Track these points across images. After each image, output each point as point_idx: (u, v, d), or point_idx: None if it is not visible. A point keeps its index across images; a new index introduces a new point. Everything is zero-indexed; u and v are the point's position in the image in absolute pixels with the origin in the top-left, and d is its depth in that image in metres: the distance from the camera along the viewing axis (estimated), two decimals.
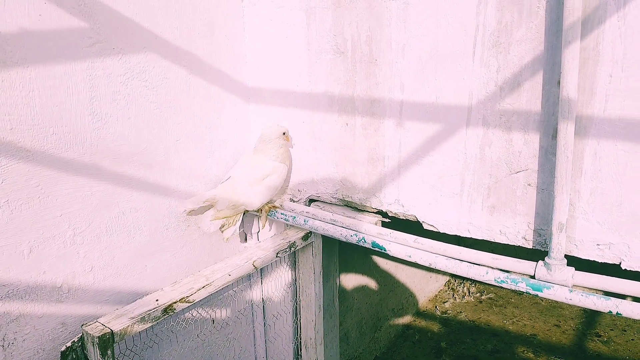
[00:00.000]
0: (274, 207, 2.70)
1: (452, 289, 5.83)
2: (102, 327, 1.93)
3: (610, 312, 1.83)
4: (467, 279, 5.92)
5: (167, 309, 2.08)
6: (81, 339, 1.96)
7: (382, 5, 2.27)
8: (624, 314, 1.80)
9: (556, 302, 5.44)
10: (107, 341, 1.89)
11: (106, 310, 2.17)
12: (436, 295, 5.73)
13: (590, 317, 5.23)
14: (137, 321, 1.98)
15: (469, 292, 5.71)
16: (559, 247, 1.94)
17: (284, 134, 2.60)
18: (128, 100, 2.18)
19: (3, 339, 1.89)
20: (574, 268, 1.94)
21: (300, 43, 2.59)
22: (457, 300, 5.60)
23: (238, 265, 2.35)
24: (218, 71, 2.61)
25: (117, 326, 1.93)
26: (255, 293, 2.97)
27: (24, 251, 1.90)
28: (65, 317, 2.06)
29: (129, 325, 1.95)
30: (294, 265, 2.91)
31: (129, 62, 2.16)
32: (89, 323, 1.97)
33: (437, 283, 5.83)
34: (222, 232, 2.60)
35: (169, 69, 2.35)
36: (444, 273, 5.93)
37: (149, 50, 2.24)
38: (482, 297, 5.63)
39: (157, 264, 2.41)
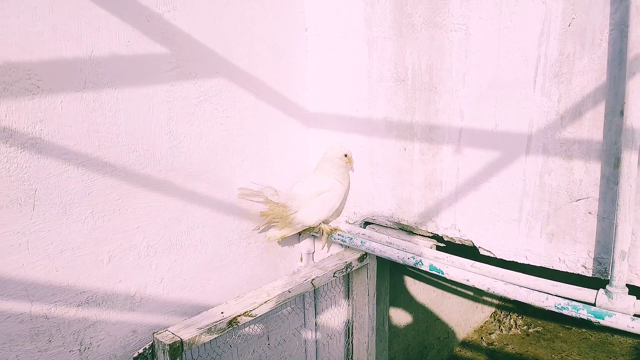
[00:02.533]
0: (335, 229, 2.77)
1: (499, 320, 5.73)
2: (172, 335, 2.02)
3: None
4: (514, 311, 5.83)
5: (232, 322, 2.16)
6: (152, 346, 2.06)
7: (444, 36, 2.36)
8: None
9: (606, 338, 5.29)
10: (177, 349, 1.98)
11: (173, 321, 2.27)
12: (482, 326, 5.65)
13: None
14: (205, 332, 2.07)
15: (516, 324, 5.61)
16: (621, 275, 1.95)
17: (345, 155, 2.70)
18: (201, 122, 2.31)
19: (80, 343, 2.00)
20: (635, 297, 1.94)
21: (361, 71, 2.69)
22: (504, 332, 5.51)
23: (298, 283, 2.43)
24: (281, 96, 2.74)
25: (186, 335, 2.02)
26: (309, 312, 3.03)
27: (104, 260, 2.02)
28: (136, 325, 2.17)
29: (196, 335, 2.04)
30: (347, 286, 2.97)
31: (203, 86, 2.30)
32: (160, 331, 2.07)
33: (483, 314, 5.75)
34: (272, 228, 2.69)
35: (238, 93, 2.48)
36: (490, 304, 5.85)
37: (221, 75, 2.38)
38: (530, 330, 5.52)
39: (219, 279, 2.51)
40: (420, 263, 2.42)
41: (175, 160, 2.23)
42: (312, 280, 2.47)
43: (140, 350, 2.04)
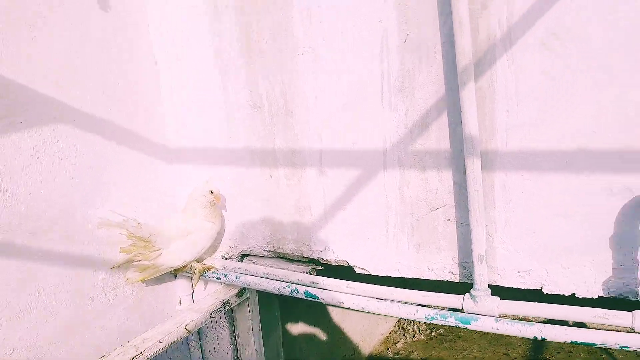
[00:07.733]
0: (210, 267, 2.64)
1: (403, 328, 5.82)
2: None
3: (535, 337, 1.88)
4: None
5: None
6: None
7: (293, 60, 2.34)
8: (548, 338, 1.85)
9: None
10: None
11: None
12: (387, 337, 5.71)
13: (538, 342, 5.32)
14: None
15: (419, 330, 5.72)
16: (482, 277, 1.99)
17: (211, 192, 2.55)
18: (41, 173, 2.12)
19: None
20: (498, 297, 1.99)
21: (217, 101, 2.61)
22: (408, 339, 5.60)
23: (169, 331, 2.28)
24: (137, 135, 2.60)
25: None
26: (195, 356, 2.87)
27: None
28: None
29: None
30: (231, 323, 2.85)
31: (39, 135, 2.12)
32: None
33: (388, 324, 5.82)
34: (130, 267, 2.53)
35: (84, 138, 2.31)
36: None
37: (60, 122, 2.20)
38: (433, 334, 5.65)
39: (84, 339, 2.30)
40: (295, 291, 2.36)
41: (14, 219, 2.02)
42: (186, 325, 2.33)
43: None
